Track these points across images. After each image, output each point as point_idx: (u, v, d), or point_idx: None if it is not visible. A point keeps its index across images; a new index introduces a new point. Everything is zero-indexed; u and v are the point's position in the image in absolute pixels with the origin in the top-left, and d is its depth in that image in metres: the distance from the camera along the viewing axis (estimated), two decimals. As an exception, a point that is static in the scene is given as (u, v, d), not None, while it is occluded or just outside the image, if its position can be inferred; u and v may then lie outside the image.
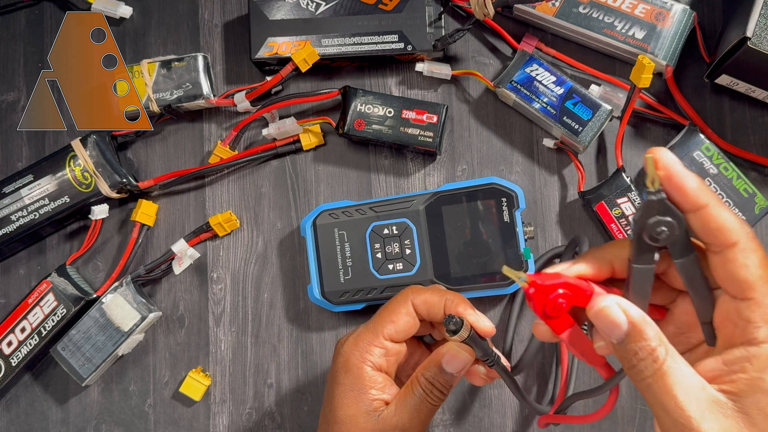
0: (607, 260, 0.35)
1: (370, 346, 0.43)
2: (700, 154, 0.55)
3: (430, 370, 0.43)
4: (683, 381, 0.30)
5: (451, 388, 0.44)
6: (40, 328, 0.56)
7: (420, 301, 0.44)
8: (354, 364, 0.43)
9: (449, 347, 0.43)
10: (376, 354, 0.43)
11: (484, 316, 0.44)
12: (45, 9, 0.61)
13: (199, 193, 0.60)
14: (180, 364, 0.58)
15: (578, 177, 0.56)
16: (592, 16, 0.56)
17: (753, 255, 0.31)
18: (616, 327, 0.31)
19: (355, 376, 0.43)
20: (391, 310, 0.44)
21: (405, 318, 0.44)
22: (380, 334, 0.44)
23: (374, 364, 0.43)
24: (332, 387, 0.44)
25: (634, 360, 0.31)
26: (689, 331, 0.35)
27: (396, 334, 0.44)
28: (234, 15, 0.61)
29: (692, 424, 0.30)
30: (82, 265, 0.59)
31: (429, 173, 0.59)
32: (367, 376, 0.43)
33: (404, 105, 0.56)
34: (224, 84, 0.60)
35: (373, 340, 0.43)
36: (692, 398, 0.30)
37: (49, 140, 0.60)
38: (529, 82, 0.56)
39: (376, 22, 0.57)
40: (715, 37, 0.58)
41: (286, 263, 0.59)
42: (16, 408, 0.59)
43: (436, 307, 0.44)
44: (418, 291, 0.45)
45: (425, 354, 0.48)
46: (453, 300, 0.44)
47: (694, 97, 0.57)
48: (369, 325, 0.45)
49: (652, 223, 0.32)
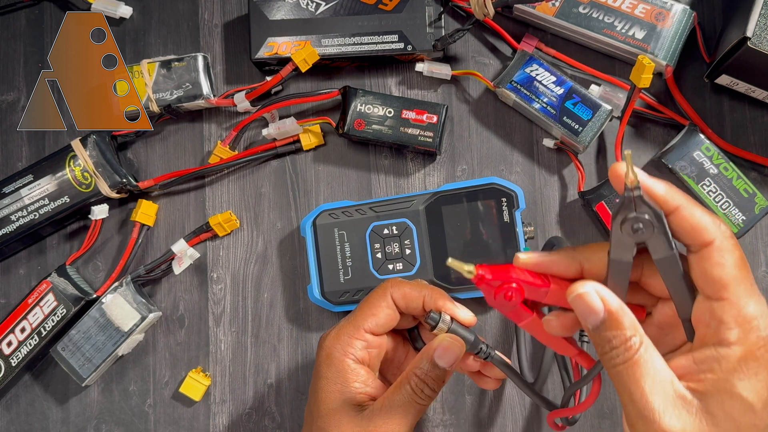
0: (577, 260, 0.35)
1: (351, 339, 0.44)
2: (700, 154, 0.55)
3: (422, 366, 0.43)
4: (653, 373, 0.31)
5: (443, 384, 0.44)
6: (40, 328, 0.56)
7: (399, 294, 0.45)
8: (336, 357, 0.44)
9: (441, 339, 0.43)
10: (358, 347, 0.44)
11: (464, 307, 0.45)
12: (45, 9, 0.61)
13: (199, 193, 0.60)
14: (180, 364, 0.58)
15: (578, 177, 0.57)
16: (592, 16, 0.56)
17: (728, 255, 0.31)
18: (593, 313, 0.32)
19: (337, 369, 0.43)
20: (371, 303, 0.45)
21: (385, 311, 0.44)
22: (361, 327, 0.44)
23: (356, 357, 0.44)
24: (315, 381, 0.45)
25: (608, 347, 0.31)
26: (672, 332, 0.36)
27: (376, 327, 0.44)
28: (234, 15, 0.61)
29: (654, 417, 0.30)
30: (82, 265, 0.59)
31: (429, 173, 0.59)
32: (350, 368, 0.43)
33: (404, 105, 0.56)
34: (224, 84, 0.60)
35: (354, 333, 0.44)
36: (658, 391, 0.30)
37: (49, 140, 0.61)
38: (529, 82, 0.56)
39: (376, 22, 0.57)
40: (715, 37, 0.58)
41: (286, 263, 0.59)
42: (16, 408, 0.59)
43: (415, 301, 0.44)
44: (398, 284, 0.45)
45: (409, 350, 0.49)
46: (431, 296, 0.44)
47: (694, 97, 0.57)
48: (350, 318, 0.45)
49: (630, 217, 0.32)
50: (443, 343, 0.43)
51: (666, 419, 0.30)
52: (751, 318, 0.31)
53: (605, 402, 0.56)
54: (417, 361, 0.43)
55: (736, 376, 0.30)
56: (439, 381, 0.43)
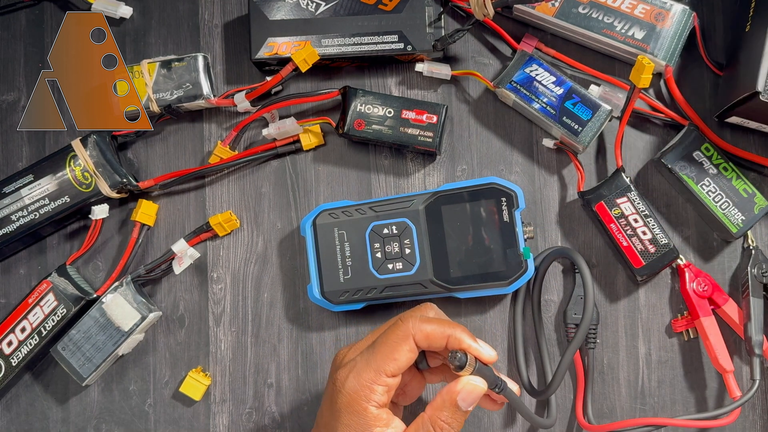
0: None
1: (373, 385, 0.43)
2: (699, 154, 0.55)
3: (446, 411, 0.42)
4: None
5: (463, 424, 0.43)
6: (41, 327, 0.56)
7: (422, 336, 0.43)
8: (359, 404, 0.43)
9: (464, 384, 0.42)
10: (380, 392, 0.43)
11: (485, 344, 0.44)
12: (45, 9, 0.62)
13: (199, 193, 0.60)
14: (180, 363, 0.58)
15: (578, 177, 0.57)
16: (592, 17, 0.56)
17: None
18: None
19: (360, 417, 0.43)
20: (392, 345, 0.43)
21: (407, 355, 0.43)
22: (382, 372, 0.43)
23: (378, 402, 0.43)
24: (335, 426, 0.44)
25: None
26: None
27: (397, 370, 0.43)
28: (234, 15, 0.61)
29: None
30: (83, 265, 0.59)
31: (429, 173, 0.59)
32: (372, 416, 0.43)
33: (404, 105, 0.56)
34: (224, 84, 0.60)
35: (376, 379, 0.43)
36: None
37: (49, 140, 0.61)
38: (528, 82, 0.56)
39: (376, 22, 0.57)
40: (714, 37, 0.58)
41: (286, 263, 0.59)
42: (16, 408, 0.59)
43: (438, 341, 0.44)
44: (419, 325, 0.44)
45: (412, 370, 0.48)
46: (455, 336, 0.43)
47: (693, 98, 0.57)
48: (369, 360, 0.43)
49: None
50: (467, 387, 0.42)
51: None
52: None
53: (605, 402, 0.56)
54: (438, 403, 0.43)
55: None
56: (461, 421, 0.43)
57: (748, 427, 0.56)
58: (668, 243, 0.54)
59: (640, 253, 0.54)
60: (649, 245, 0.54)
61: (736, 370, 0.55)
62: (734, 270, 0.57)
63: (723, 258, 0.57)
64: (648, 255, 0.54)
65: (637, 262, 0.54)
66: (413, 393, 0.49)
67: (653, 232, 0.54)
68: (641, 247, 0.54)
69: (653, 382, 0.56)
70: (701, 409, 0.56)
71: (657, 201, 0.58)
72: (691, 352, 0.56)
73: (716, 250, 0.57)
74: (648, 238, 0.54)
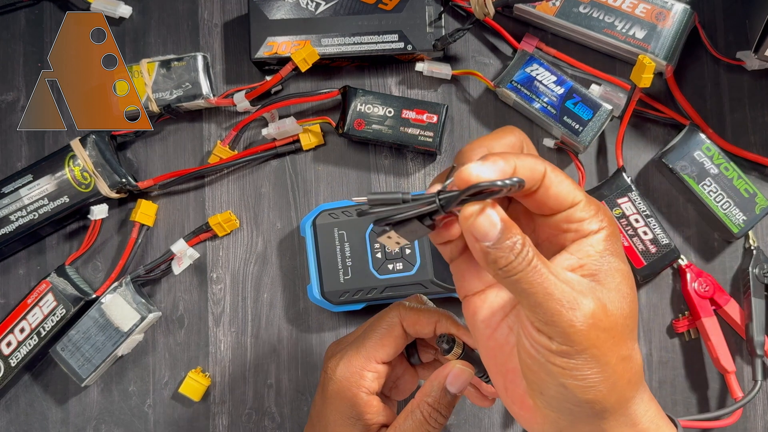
0: None
1: (363, 371, 0.44)
2: (700, 154, 0.55)
3: (433, 394, 0.43)
4: (550, 271, 0.32)
5: (452, 409, 0.43)
6: (40, 328, 0.56)
7: (410, 322, 0.45)
8: (349, 391, 0.44)
9: (452, 366, 0.43)
10: (370, 378, 0.44)
11: None
12: (45, 9, 0.61)
13: (198, 193, 0.60)
14: (180, 364, 0.58)
15: (578, 177, 0.56)
16: (593, 16, 0.56)
17: (558, 174, 0.33)
18: (493, 225, 0.31)
19: (351, 403, 0.43)
20: (381, 333, 0.45)
21: (397, 341, 0.45)
22: (372, 358, 0.44)
23: (368, 389, 0.44)
24: (326, 413, 0.44)
25: (512, 255, 0.31)
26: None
27: (387, 357, 0.44)
28: (234, 15, 0.61)
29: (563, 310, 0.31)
30: (82, 265, 0.59)
31: (429, 173, 0.59)
32: (363, 401, 0.44)
33: (404, 105, 0.56)
34: (224, 84, 0.60)
35: (365, 365, 0.44)
36: (559, 285, 0.31)
37: (48, 140, 0.60)
38: (529, 81, 0.56)
39: (376, 21, 0.57)
40: (715, 36, 0.58)
41: (285, 263, 0.59)
42: (15, 408, 0.59)
43: (426, 328, 0.45)
44: (408, 312, 0.45)
45: (405, 365, 0.48)
46: (443, 322, 0.44)
47: (694, 97, 0.57)
48: (359, 347, 0.45)
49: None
50: (455, 370, 0.42)
51: (574, 309, 0.31)
52: (598, 208, 0.34)
53: (606, 402, 0.56)
54: (427, 388, 0.43)
55: (609, 253, 0.33)
56: (450, 407, 0.43)
57: (750, 428, 0.55)
58: (669, 243, 0.54)
59: (641, 254, 0.54)
60: (650, 245, 0.54)
61: (738, 370, 0.55)
62: (735, 270, 0.57)
63: (724, 258, 0.57)
64: (649, 255, 0.54)
65: (638, 263, 0.54)
66: (406, 388, 0.49)
67: (654, 232, 0.54)
68: (642, 247, 0.54)
69: (654, 382, 0.56)
70: (703, 409, 0.56)
71: (658, 201, 0.57)
72: (693, 353, 0.56)
73: (717, 250, 0.57)
74: (649, 238, 0.54)
